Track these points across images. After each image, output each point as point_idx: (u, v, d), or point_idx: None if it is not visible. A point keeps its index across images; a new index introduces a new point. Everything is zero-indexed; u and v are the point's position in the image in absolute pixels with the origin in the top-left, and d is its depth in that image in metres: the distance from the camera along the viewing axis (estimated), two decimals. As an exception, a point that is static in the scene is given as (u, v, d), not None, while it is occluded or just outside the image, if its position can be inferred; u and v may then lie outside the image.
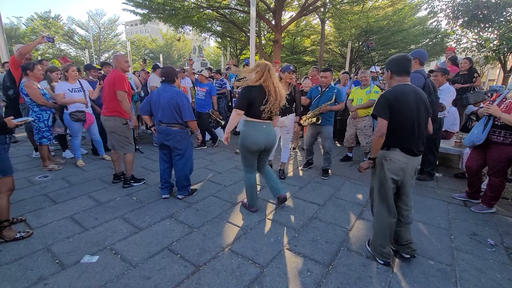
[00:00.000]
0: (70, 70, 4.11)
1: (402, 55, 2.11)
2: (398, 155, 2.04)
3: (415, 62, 3.22)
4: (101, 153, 4.70)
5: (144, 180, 3.72)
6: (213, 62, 33.04)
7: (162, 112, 3.06)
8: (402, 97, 1.98)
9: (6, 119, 2.23)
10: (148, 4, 11.95)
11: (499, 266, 2.20)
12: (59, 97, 4.00)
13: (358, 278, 2.03)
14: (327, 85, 4.03)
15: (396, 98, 1.98)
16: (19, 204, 3.03)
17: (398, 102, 1.97)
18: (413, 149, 2.04)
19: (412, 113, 1.99)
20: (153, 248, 2.31)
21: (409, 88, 2.03)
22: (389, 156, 2.06)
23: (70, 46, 30.83)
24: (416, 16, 17.11)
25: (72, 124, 4.16)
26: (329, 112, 4.00)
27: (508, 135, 2.82)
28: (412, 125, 2.00)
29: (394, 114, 1.98)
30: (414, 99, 2.01)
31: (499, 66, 14.59)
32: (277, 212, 3.00)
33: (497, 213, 3.07)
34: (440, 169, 4.39)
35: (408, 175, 2.08)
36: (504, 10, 7.43)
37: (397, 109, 1.97)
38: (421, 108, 2.03)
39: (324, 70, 4.06)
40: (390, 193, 2.08)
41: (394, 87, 2.05)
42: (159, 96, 3.06)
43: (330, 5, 12.67)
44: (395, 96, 1.99)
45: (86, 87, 4.30)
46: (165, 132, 3.10)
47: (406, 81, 2.07)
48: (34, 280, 1.92)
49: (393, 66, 2.08)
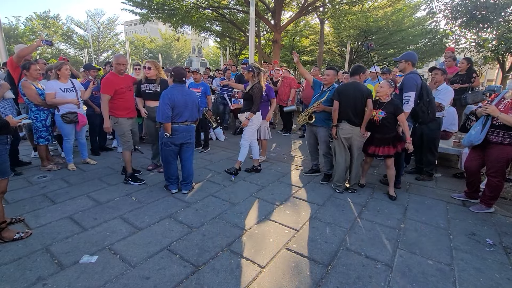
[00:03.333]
0: (63, 68, 3.89)
1: (357, 64, 3.56)
2: (345, 124, 3.45)
3: (408, 64, 3.53)
4: (84, 157, 4.46)
5: (144, 181, 3.70)
6: (212, 62, 33.04)
7: (190, 112, 3.24)
8: (345, 88, 3.44)
9: (7, 117, 2.23)
10: (147, 4, 11.93)
11: (498, 266, 2.21)
12: (49, 97, 3.77)
13: (357, 277, 2.03)
14: (330, 84, 3.82)
15: (342, 90, 3.44)
16: (18, 204, 3.02)
17: (343, 92, 3.42)
18: (355, 121, 3.42)
19: (350, 99, 3.37)
20: (153, 248, 2.31)
21: (350, 84, 3.46)
22: (340, 125, 3.50)
23: (69, 46, 30.75)
24: (415, 17, 17.17)
25: (64, 126, 3.97)
26: (325, 113, 3.76)
27: (506, 135, 2.83)
28: (352, 106, 3.38)
29: (341, 99, 3.41)
30: (353, 90, 3.37)
31: (497, 66, 14.65)
32: (276, 212, 3.01)
33: (495, 213, 3.08)
34: (439, 169, 4.40)
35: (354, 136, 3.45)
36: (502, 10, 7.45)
37: (342, 96, 3.41)
38: (358, 95, 3.36)
39: (328, 68, 3.87)
40: (342, 146, 3.50)
41: (344, 84, 3.62)
42: (184, 97, 3.18)
43: (329, 5, 12.68)
44: (342, 88, 3.46)
45: (78, 87, 4.11)
46: (188, 130, 3.28)
47: (355, 80, 3.50)
48: (33, 280, 1.91)
49: (350, 71, 3.61)
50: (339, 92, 3.44)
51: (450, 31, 9.16)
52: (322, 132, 3.85)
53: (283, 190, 3.59)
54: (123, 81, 3.63)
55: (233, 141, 5.92)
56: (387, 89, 3.24)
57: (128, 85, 3.71)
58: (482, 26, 8.05)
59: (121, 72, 3.63)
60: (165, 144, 3.25)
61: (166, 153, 3.28)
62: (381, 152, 3.34)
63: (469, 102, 4.76)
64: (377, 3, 15.28)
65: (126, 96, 3.65)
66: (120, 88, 3.57)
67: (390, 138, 3.32)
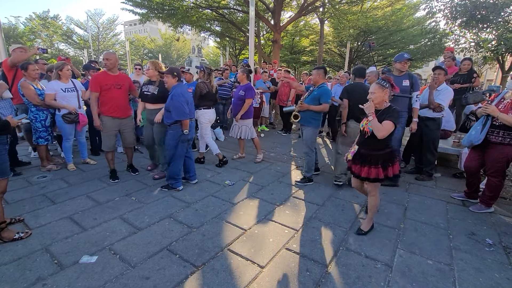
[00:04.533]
0: (65, 69, 3.90)
1: (360, 67, 3.79)
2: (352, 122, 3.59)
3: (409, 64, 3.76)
4: (84, 157, 4.46)
5: (117, 180, 3.75)
6: (212, 62, 33.02)
7: (191, 109, 3.48)
8: (354, 88, 3.60)
9: (7, 117, 2.23)
10: (147, 4, 11.93)
11: (498, 266, 2.21)
12: (48, 97, 3.79)
13: (357, 277, 2.03)
14: (317, 84, 3.70)
15: (350, 89, 3.63)
16: (17, 204, 3.02)
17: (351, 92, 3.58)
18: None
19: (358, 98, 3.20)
20: (152, 248, 2.31)
21: (358, 84, 3.63)
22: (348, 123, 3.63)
23: (69, 46, 30.74)
24: (415, 16, 17.18)
25: (64, 126, 3.97)
26: (312, 112, 3.65)
27: (506, 135, 2.83)
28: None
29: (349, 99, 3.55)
30: (361, 90, 3.40)
31: (497, 67, 14.65)
32: (276, 212, 3.01)
33: (495, 213, 3.08)
34: (439, 169, 4.40)
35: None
36: (502, 10, 7.45)
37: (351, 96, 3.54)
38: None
39: (314, 68, 3.86)
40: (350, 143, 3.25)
41: (352, 84, 3.76)
42: (188, 94, 3.49)
43: (329, 5, 12.69)
44: (350, 88, 3.65)
45: (79, 87, 4.12)
46: (193, 126, 3.55)
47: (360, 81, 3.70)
48: (33, 280, 1.91)
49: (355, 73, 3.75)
50: (348, 91, 3.60)
51: (450, 31, 9.16)
52: (306, 131, 3.76)
53: (283, 190, 3.59)
54: (112, 78, 3.56)
55: (232, 141, 5.92)
56: (381, 93, 2.35)
57: (117, 83, 3.58)
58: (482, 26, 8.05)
59: (109, 68, 3.57)
60: (182, 141, 3.37)
61: (182, 150, 3.41)
62: (364, 174, 2.44)
63: (469, 102, 4.76)
64: (377, 3, 15.30)
65: (112, 93, 3.55)
66: (105, 85, 3.51)
67: (380, 156, 2.42)
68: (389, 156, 2.43)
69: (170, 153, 3.38)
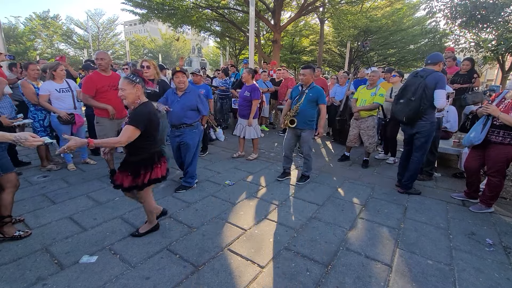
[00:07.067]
0: (59, 69, 3.81)
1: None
2: None
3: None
4: (84, 157, 4.45)
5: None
6: (212, 62, 33.05)
7: None
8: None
9: (1, 118, 2.23)
10: (147, 4, 11.93)
11: (498, 266, 2.21)
12: (42, 98, 3.71)
13: (357, 277, 2.03)
14: (308, 84, 3.61)
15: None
16: (18, 204, 3.01)
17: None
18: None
19: None
20: (152, 248, 2.31)
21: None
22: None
23: (69, 46, 30.76)
24: (415, 16, 17.18)
25: (60, 127, 3.88)
26: (309, 115, 3.60)
27: (506, 135, 2.83)
28: None
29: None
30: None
31: (497, 66, 14.65)
32: (276, 212, 3.01)
33: (495, 213, 3.08)
34: (439, 169, 4.40)
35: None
36: (502, 10, 7.44)
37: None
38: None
39: (303, 67, 3.63)
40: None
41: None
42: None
43: (329, 5, 12.69)
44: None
45: (73, 87, 4.05)
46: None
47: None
48: (33, 280, 1.91)
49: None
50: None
51: (450, 31, 9.16)
52: (306, 134, 3.69)
53: (282, 190, 3.59)
54: (106, 79, 3.49)
55: (232, 141, 5.92)
56: (132, 89, 2.08)
57: (112, 84, 3.49)
58: (482, 26, 8.04)
59: (103, 69, 3.50)
60: (201, 137, 3.55)
61: (199, 147, 3.60)
62: (118, 181, 2.19)
63: (469, 103, 4.75)
64: (377, 3, 15.30)
65: (109, 95, 3.47)
66: (102, 87, 3.44)
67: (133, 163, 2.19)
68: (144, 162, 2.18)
69: (192, 152, 3.41)
